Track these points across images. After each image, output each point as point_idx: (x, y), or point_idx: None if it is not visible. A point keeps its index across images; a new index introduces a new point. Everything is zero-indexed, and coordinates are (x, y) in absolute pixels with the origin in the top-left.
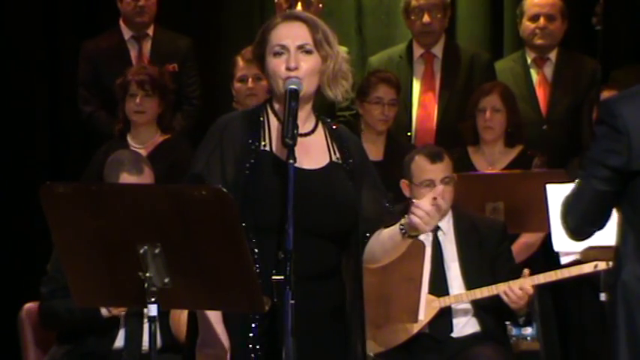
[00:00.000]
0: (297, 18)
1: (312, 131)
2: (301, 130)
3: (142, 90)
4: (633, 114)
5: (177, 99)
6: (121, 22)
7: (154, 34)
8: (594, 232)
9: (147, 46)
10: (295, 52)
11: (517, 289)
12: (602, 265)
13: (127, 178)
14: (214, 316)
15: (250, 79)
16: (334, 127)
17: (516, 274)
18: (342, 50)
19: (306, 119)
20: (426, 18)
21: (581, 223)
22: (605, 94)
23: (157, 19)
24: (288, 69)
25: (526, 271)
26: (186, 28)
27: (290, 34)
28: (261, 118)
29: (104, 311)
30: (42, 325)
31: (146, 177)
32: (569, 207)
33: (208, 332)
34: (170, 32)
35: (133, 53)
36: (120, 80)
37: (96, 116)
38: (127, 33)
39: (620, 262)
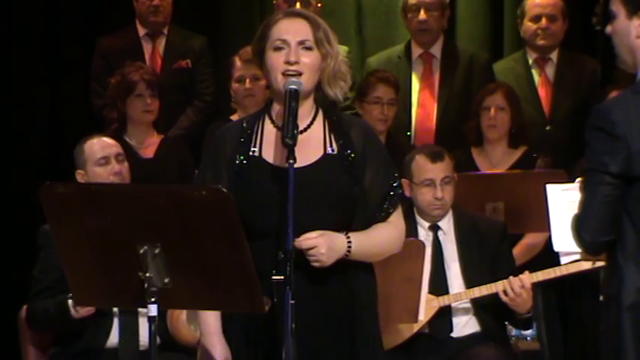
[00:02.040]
0: (299, 15)
1: (309, 126)
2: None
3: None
4: (628, 120)
5: (189, 95)
6: (137, 21)
7: (168, 33)
8: (611, 243)
9: (161, 43)
10: (296, 48)
11: (516, 286)
12: (600, 263)
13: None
14: (213, 327)
15: (248, 80)
16: (336, 116)
17: (516, 275)
18: (343, 50)
19: (304, 115)
20: (422, 15)
21: (596, 235)
22: (614, 95)
23: (175, 19)
24: (288, 63)
25: (526, 272)
26: (186, 28)
27: (291, 29)
28: (256, 125)
29: (73, 312)
30: (27, 326)
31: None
32: (581, 223)
33: (208, 344)
34: (185, 31)
35: (147, 50)
36: (117, 79)
37: (114, 108)
38: (141, 30)
39: (620, 268)
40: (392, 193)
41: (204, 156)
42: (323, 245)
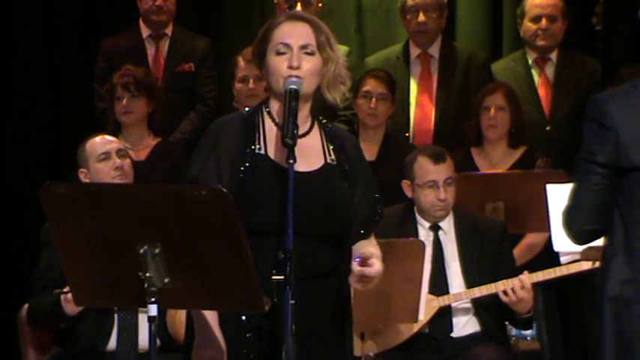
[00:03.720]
0: (302, 18)
1: (308, 132)
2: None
3: (127, 92)
4: (622, 112)
5: (192, 98)
6: (141, 22)
7: (172, 34)
8: (598, 232)
9: (164, 45)
10: (298, 52)
11: (517, 287)
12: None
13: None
14: (211, 318)
15: (251, 80)
16: (330, 126)
17: (516, 274)
18: (343, 52)
19: (303, 120)
20: (421, 17)
21: (582, 223)
22: None
23: (176, 19)
24: (290, 67)
25: (525, 272)
26: (187, 28)
27: (294, 33)
28: (257, 121)
29: (65, 307)
30: (28, 324)
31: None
32: (569, 213)
33: (205, 334)
34: (188, 32)
35: (150, 52)
36: (107, 85)
37: (109, 112)
38: (145, 32)
39: (607, 261)
40: (375, 215)
41: (202, 144)
42: (381, 273)
